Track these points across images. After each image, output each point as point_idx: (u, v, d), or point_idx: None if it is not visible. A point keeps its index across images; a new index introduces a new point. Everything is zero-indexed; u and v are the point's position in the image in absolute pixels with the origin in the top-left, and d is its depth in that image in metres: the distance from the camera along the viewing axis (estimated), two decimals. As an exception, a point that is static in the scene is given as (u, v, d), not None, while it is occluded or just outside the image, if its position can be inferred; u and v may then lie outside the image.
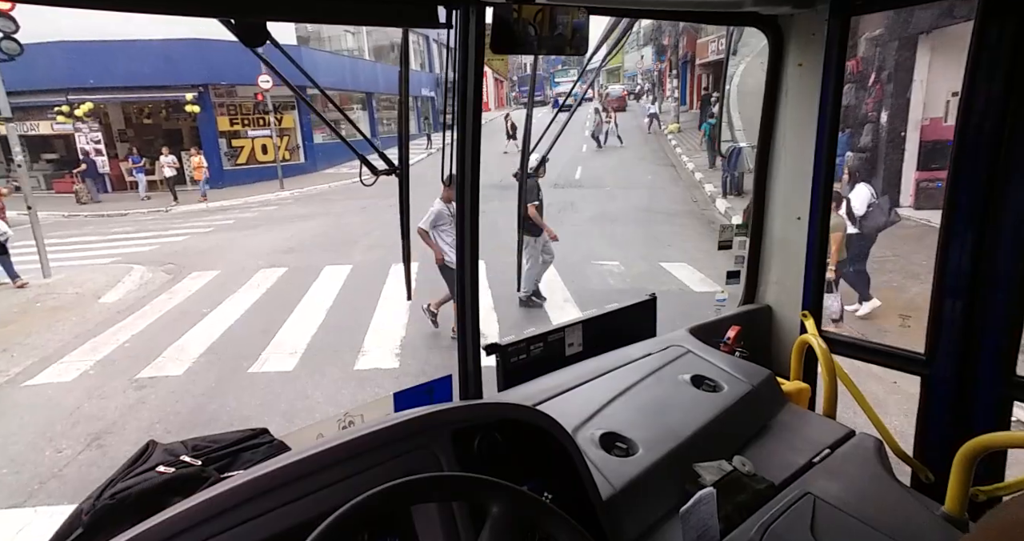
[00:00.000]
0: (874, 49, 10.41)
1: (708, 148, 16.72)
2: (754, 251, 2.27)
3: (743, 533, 1.17)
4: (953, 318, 1.64)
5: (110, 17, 13.65)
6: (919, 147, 9.76)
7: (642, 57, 43.38)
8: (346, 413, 1.58)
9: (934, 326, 1.68)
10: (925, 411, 1.75)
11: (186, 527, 0.84)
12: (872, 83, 10.37)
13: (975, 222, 1.55)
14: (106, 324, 6.88)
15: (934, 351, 1.69)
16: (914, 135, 9.78)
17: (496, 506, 0.80)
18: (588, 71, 2.17)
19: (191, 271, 9.10)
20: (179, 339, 6.24)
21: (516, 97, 48.62)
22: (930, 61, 9.40)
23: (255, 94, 18.28)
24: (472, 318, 1.61)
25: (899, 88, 9.71)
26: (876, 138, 10.18)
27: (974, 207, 1.55)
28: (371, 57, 28.40)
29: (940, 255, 1.62)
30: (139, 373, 5.44)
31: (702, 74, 27.79)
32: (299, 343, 5.95)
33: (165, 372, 5.45)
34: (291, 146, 21.41)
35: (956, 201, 1.59)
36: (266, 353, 5.74)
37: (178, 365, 5.59)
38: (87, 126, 17.69)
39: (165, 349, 5.97)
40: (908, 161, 9.87)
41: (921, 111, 9.66)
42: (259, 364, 5.51)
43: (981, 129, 1.52)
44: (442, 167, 1.59)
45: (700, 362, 1.78)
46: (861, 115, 10.67)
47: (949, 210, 1.60)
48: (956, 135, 1.57)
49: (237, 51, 5.75)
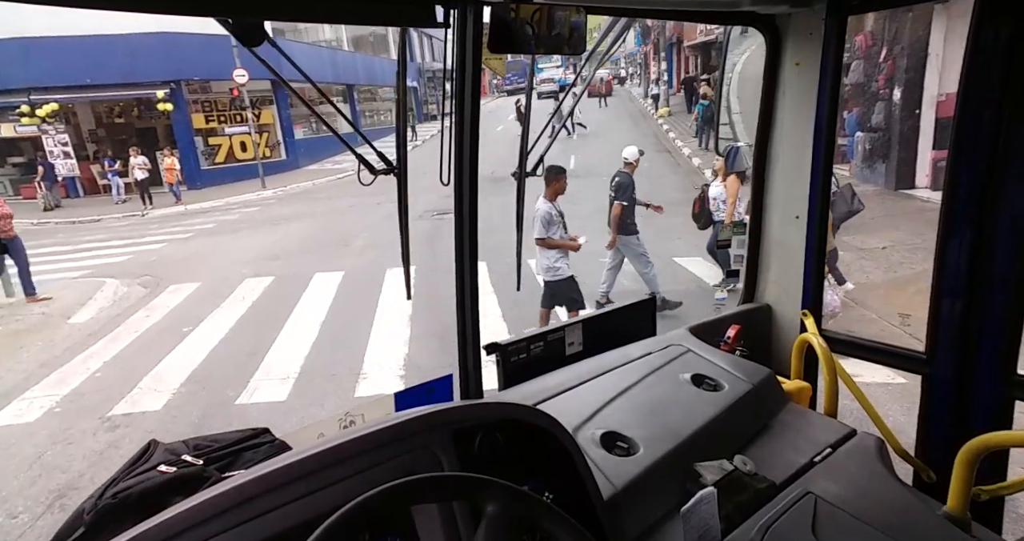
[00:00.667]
0: (884, 22, 9.91)
1: (700, 130, 16.64)
2: (753, 250, 2.27)
3: (744, 533, 1.16)
4: (952, 317, 1.64)
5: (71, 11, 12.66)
6: (935, 125, 9.31)
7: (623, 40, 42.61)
8: (347, 413, 1.58)
9: (934, 325, 1.68)
10: (926, 410, 1.75)
11: (187, 526, 0.83)
12: (884, 58, 9.88)
13: (973, 221, 1.54)
14: (75, 349, 6.25)
15: (934, 350, 1.69)
16: (929, 113, 9.31)
17: (492, 505, 0.79)
18: (569, 58, 1.90)
19: (169, 284, 8.46)
20: (157, 365, 5.63)
21: (499, 85, 47.80)
22: (946, 33, 8.91)
23: (230, 89, 17.43)
24: (472, 318, 1.60)
25: (913, 63, 9.22)
26: (889, 116, 9.71)
27: (971, 206, 1.55)
28: (350, 48, 27.51)
29: (939, 253, 1.62)
30: (111, 409, 4.84)
31: (690, 56, 27.22)
32: (291, 366, 5.37)
33: (141, 407, 4.85)
34: (271, 142, 20.62)
35: (953, 200, 1.59)
36: (255, 380, 5.15)
37: (156, 398, 4.99)
38: (53, 127, 16.75)
39: (141, 378, 5.36)
40: (924, 140, 9.42)
41: (937, 87, 9.19)
42: (248, 394, 4.93)
43: (978, 129, 1.52)
44: (441, 167, 1.54)
45: (700, 361, 1.77)
46: (871, 93, 10.19)
47: (947, 209, 1.61)
48: (952, 134, 1.57)
49: (208, 45, 4.97)
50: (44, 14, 12.80)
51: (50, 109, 16.19)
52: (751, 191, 2.24)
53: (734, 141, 8.75)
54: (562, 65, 50.09)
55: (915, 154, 9.52)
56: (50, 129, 16.78)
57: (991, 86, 1.49)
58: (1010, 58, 1.46)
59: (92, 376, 5.56)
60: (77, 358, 6.01)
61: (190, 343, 6.17)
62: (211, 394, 4.99)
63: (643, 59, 36.75)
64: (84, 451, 4.26)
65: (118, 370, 5.66)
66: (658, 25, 31.63)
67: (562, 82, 38.72)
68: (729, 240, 2.38)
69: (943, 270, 1.62)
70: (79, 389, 5.30)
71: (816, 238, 2.01)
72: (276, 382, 5.10)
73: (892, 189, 9.67)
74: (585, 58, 1.94)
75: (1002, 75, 1.47)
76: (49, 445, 4.38)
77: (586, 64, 2.10)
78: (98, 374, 5.60)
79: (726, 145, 6.98)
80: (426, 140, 20.90)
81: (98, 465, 4.06)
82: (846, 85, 10.38)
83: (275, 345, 5.88)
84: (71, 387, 5.34)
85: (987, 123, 1.50)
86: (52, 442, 4.42)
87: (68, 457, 4.19)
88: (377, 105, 29.62)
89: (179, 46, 16.43)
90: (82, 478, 3.92)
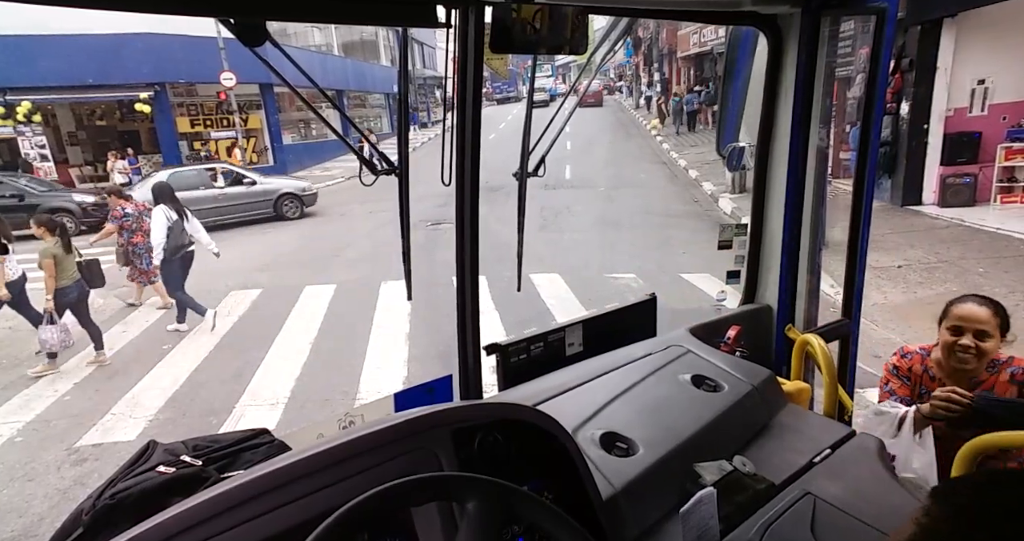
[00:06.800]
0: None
1: (673, 114, 21.36)
2: (754, 251, 2.29)
3: (743, 533, 1.16)
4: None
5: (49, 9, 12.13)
6: (943, 140, 9.16)
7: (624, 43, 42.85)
8: (346, 413, 1.58)
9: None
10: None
11: (186, 527, 0.82)
12: (891, 72, 9.73)
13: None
14: (44, 369, 5.75)
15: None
16: (938, 127, 9.17)
17: (490, 504, 0.79)
18: (559, 67, 1.74)
19: (148, 296, 7.96)
20: (133, 388, 5.17)
21: (488, 94, 47.69)
22: (955, 47, 8.78)
23: (217, 93, 16.96)
24: (472, 318, 1.62)
25: (921, 77, 9.07)
26: (896, 131, 9.54)
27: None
28: (340, 53, 27.13)
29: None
30: (80, 439, 4.37)
31: (682, 67, 27.23)
32: (281, 390, 4.95)
33: (113, 437, 4.39)
34: (258, 148, 20.09)
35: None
36: (241, 405, 4.72)
37: (130, 426, 4.53)
38: (30, 129, 16.13)
39: (115, 403, 4.90)
40: (932, 155, 9.26)
41: (945, 101, 9.06)
42: (233, 421, 4.50)
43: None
44: (441, 167, 1.54)
45: (700, 362, 1.77)
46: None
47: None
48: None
49: (194, 47, 4.50)
50: (20, 12, 12.27)
51: (25, 109, 15.56)
52: (752, 191, 2.26)
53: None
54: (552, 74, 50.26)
55: (922, 170, 9.36)
56: (27, 131, 16.16)
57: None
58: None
59: (60, 400, 5.08)
60: (43, 380, 5.51)
61: (170, 362, 5.71)
62: (192, 421, 4.55)
63: (634, 69, 36.81)
64: (46, 490, 3.79)
65: (90, 393, 5.19)
66: (648, 36, 31.70)
67: (552, 92, 38.76)
68: (730, 241, 2.36)
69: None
70: (44, 415, 4.82)
71: (813, 239, 2.11)
72: (264, 408, 4.68)
73: (899, 205, 9.49)
74: (579, 68, 1.97)
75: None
76: (6, 482, 3.90)
77: (582, 73, 2.10)
78: (67, 397, 5.12)
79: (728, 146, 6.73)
80: (416, 148, 20.53)
81: (61, 506, 3.61)
82: (850, 98, 10.22)
83: (263, 366, 5.45)
84: (35, 413, 4.86)
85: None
86: (10, 478, 3.95)
87: (27, 498, 3.72)
88: (366, 112, 29.22)
89: (163, 48, 15.94)
90: (42, 523, 3.46)
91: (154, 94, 16.83)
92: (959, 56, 8.81)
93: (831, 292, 5.33)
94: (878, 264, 7.03)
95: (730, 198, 11.23)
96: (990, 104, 8.99)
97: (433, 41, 34.83)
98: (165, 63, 16.35)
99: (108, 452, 4.20)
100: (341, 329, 6.28)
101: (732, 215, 10.46)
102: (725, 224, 2.36)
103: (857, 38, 9.74)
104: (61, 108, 18.12)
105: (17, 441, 4.46)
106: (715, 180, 12.84)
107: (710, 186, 12.75)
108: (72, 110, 18.59)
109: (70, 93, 16.30)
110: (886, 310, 5.95)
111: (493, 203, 10.12)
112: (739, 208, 10.49)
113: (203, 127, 18.65)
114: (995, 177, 8.79)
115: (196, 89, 18.09)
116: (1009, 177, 8.82)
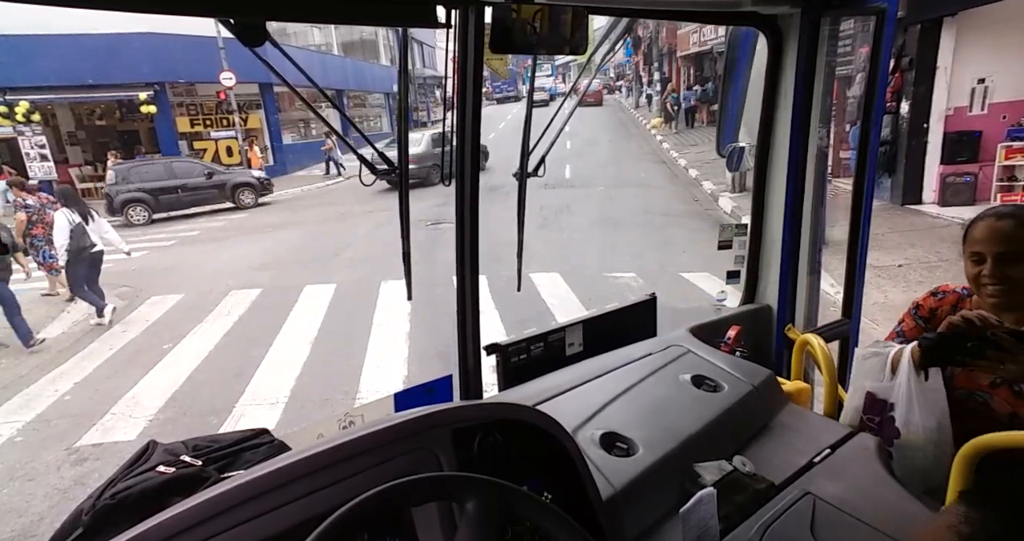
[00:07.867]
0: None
1: (670, 106, 21.61)
2: (754, 251, 2.29)
3: (743, 533, 1.15)
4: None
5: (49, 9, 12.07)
6: (943, 139, 9.15)
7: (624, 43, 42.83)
8: (346, 413, 1.57)
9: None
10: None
11: (186, 527, 0.82)
12: (891, 71, 9.72)
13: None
14: (44, 368, 5.76)
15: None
16: (938, 126, 9.16)
17: (487, 504, 0.79)
18: (559, 66, 1.74)
19: (150, 295, 7.97)
20: (133, 387, 5.17)
21: (488, 93, 47.65)
22: (955, 46, 8.77)
23: (217, 93, 16.96)
24: (473, 318, 1.62)
25: (920, 76, 9.06)
26: (896, 130, 9.53)
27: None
28: (340, 52, 27.12)
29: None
30: (80, 439, 4.37)
31: (682, 67, 27.20)
32: (281, 389, 4.94)
33: (113, 436, 4.39)
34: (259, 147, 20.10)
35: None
36: (241, 405, 4.72)
37: (130, 426, 4.53)
38: (30, 129, 16.11)
39: (115, 402, 4.90)
40: (931, 154, 9.26)
41: (945, 101, 9.05)
42: (233, 420, 4.50)
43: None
44: (441, 167, 1.57)
45: (700, 362, 1.77)
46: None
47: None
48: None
49: (193, 46, 4.50)
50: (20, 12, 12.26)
51: (24, 109, 15.56)
52: (752, 191, 2.25)
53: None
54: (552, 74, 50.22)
55: (922, 169, 9.35)
56: (26, 130, 16.15)
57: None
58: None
59: (60, 399, 5.09)
60: (44, 378, 5.52)
61: (170, 362, 5.70)
62: (192, 421, 4.55)
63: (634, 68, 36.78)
64: (45, 490, 3.79)
65: (90, 392, 5.19)
66: (648, 35, 31.67)
67: (552, 91, 38.74)
68: (730, 241, 2.36)
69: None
70: (45, 414, 4.82)
71: (813, 239, 2.10)
72: (264, 408, 4.67)
73: (899, 204, 9.48)
74: (579, 68, 2.02)
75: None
76: (6, 482, 3.90)
77: (583, 72, 2.10)
78: (67, 397, 5.13)
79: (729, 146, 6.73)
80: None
81: (60, 506, 3.60)
82: (850, 98, 10.21)
83: (263, 365, 5.44)
84: (36, 412, 4.86)
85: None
86: (10, 477, 3.95)
87: (27, 497, 3.72)
88: (366, 111, 29.22)
89: (163, 47, 15.95)
90: (42, 522, 3.46)
91: (154, 94, 16.84)
92: (959, 55, 8.79)
93: (831, 292, 5.32)
94: (878, 263, 7.03)
95: (730, 197, 11.22)
96: (990, 103, 8.98)
97: (433, 41, 34.78)
98: (165, 63, 16.36)
99: (108, 452, 4.20)
100: (341, 328, 6.28)
101: (732, 214, 10.45)
102: (725, 224, 2.36)
103: (857, 38, 9.73)
104: (61, 108, 18.12)
105: (17, 441, 4.46)
106: (715, 179, 12.82)
107: (710, 185, 12.73)
108: (72, 110, 18.59)
109: (70, 93, 16.31)
110: (886, 309, 5.95)
111: (493, 202, 10.12)
112: (739, 207, 10.47)
113: (203, 127, 18.68)
114: (995, 176, 8.78)
115: (196, 89, 18.11)
116: (1009, 176, 8.81)
